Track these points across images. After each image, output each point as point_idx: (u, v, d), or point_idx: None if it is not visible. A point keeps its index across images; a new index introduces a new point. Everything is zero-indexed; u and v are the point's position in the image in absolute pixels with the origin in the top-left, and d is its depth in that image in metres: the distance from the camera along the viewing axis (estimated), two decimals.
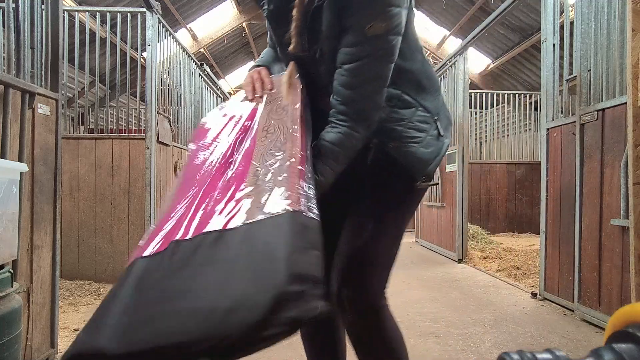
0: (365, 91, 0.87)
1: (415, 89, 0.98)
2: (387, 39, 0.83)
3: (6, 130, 1.64)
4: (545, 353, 0.32)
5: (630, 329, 0.34)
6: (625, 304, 0.37)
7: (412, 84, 0.98)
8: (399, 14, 0.83)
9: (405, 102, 0.97)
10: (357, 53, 0.84)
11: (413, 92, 0.98)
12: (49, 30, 1.99)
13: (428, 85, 1.01)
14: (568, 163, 2.91)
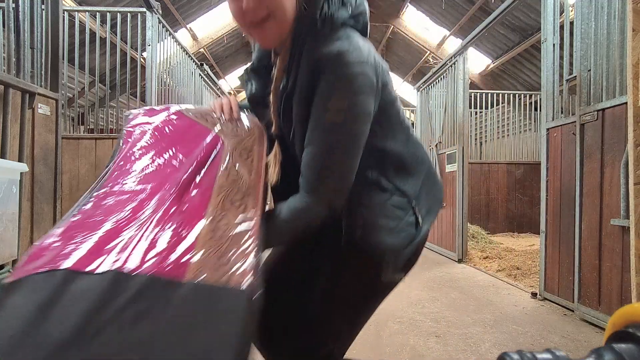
0: (323, 176, 0.83)
1: (394, 170, 0.93)
2: (347, 128, 0.81)
3: (6, 130, 1.64)
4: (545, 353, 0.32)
5: (630, 329, 0.34)
6: (625, 304, 0.37)
7: (392, 166, 0.93)
8: (361, 103, 0.80)
9: (381, 186, 0.91)
10: (317, 139, 0.82)
11: (392, 175, 0.93)
12: (49, 30, 2.00)
13: (411, 166, 0.95)
14: (568, 163, 2.91)
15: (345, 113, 0.79)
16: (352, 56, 0.79)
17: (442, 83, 5.57)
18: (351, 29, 0.85)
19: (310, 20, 0.82)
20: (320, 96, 0.80)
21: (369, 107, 0.83)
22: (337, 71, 0.78)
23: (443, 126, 5.46)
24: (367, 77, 0.80)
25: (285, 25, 0.83)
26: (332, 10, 0.83)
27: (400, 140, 0.94)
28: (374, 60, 0.83)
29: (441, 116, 5.54)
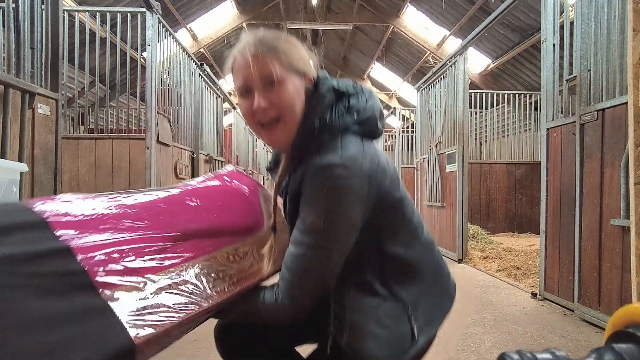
0: (298, 278, 0.83)
1: (392, 274, 0.88)
2: (326, 236, 0.81)
3: (6, 130, 1.64)
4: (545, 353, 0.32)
5: (630, 329, 0.34)
6: (625, 304, 0.37)
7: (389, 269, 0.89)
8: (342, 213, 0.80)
9: (373, 289, 0.87)
10: (297, 241, 0.83)
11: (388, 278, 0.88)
12: (49, 30, 2.00)
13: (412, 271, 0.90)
14: (568, 163, 2.91)
15: (324, 222, 0.80)
16: (339, 170, 0.79)
17: (442, 83, 5.57)
18: (354, 135, 0.86)
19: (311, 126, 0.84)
20: (304, 201, 0.83)
21: (353, 217, 0.82)
22: (322, 182, 0.79)
23: (443, 126, 5.46)
24: (353, 189, 0.80)
25: (293, 129, 0.86)
26: (334, 118, 0.84)
27: (403, 243, 0.90)
28: (370, 168, 0.82)
29: (441, 116, 5.54)
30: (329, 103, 0.86)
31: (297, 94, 0.85)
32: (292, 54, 0.86)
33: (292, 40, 0.88)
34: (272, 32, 0.88)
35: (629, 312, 0.36)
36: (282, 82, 0.83)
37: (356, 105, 0.88)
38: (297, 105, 0.85)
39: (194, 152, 4.73)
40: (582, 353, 0.33)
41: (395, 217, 0.90)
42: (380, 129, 0.92)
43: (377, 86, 15.30)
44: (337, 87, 0.89)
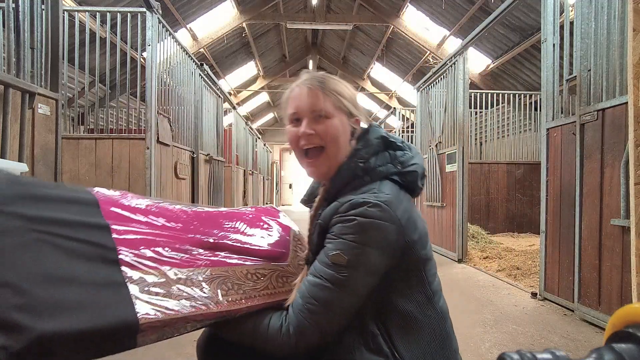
0: (311, 309, 0.82)
1: (399, 331, 0.86)
2: (347, 273, 0.81)
3: (6, 130, 1.64)
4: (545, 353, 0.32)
5: (630, 329, 0.34)
6: (625, 304, 0.37)
7: (397, 326, 0.86)
8: (367, 254, 0.81)
9: (377, 344, 0.85)
10: (318, 271, 0.84)
11: (394, 335, 0.85)
12: (49, 30, 2.00)
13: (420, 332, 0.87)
14: (568, 163, 2.91)
15: (349, 257, 0.81)
16: (373, 209, 0.82)
17: (442, 83, 5.57)
18: (393, 184, 0.89)
19: (355, 166, 0.89)
20: (331, 233, 0.85)
21: (377, 262, 0.83)
22: (353, 218, 0.82)
23: (443, 126, 5.46)
24: (383, 231, 0.82)
25: (334, 162, 0.91)
26: (378, 163, 0.89)
27: (417, 303, 0.89)
28: (401, 217, 0.84)
29: (441, 116, 5.54)
30: (376, 149, 0.91)
31: (343, 131, 0.91)
32: (344, 95, 0.93)
33: (346, 85, 0.95)
34: (331, 76, 0.96)
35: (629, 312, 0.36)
36: (330, 117, 0.90)
37: (401, 157, 0.92)
38: (341, 140, 0.91)
39: (194, 152, 4.73)
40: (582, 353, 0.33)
41: (416, 275, 0.90)
42: (419, 187, 0.95)
43: (377, 86, 15.30)
44: (386, 137, 0.94)
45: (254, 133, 11.16)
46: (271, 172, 16.28)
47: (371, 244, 0.81)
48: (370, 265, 0.82)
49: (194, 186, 4.69)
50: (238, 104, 13.19)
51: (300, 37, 13.51)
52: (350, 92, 0.94)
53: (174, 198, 4.05)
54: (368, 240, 0.81)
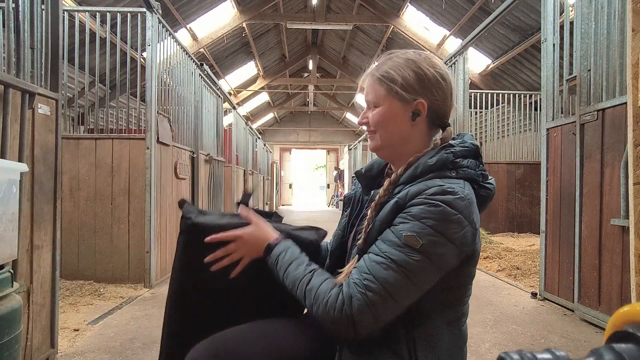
0: (368, 283, 0.78)
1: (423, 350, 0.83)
2: (416, 257, 0.78)
3: (6, 130, 1.64)
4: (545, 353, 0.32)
5: (630, 329, 0.34)
6: (625, 304, 0.37)
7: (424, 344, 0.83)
8: (442, 244, 0.78)
9: (400, 350, 0.83)
10: (383, 250, 0.80)
11: (420, 348, 0.83)
12: (49, 30, 1.99)
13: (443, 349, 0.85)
14: (568, 163, 2.90)
15: (423, 243, 0.77)
16: (460, 201, 0.80)
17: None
18: (472, 188, 0.87)
19: (447, 156, 0.87)
20: (408, 214, 0.81)
21: (449, 256, 0.79)
22: (440, 204, 0.79)
23: None
24: (462, 231, 0.79)
25: (385, 142, 0.94)
26: (467, 165, 0.88)
27: (449, 319, 0.87)
28: (476, 225, 0.83)
29: None
30: (468, 153, 0.90)
31: (392, 117, 0.92)
32: (396, 82, 0.90)
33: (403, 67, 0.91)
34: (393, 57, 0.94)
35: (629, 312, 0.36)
36: (379, 105, 0.93)
37: (484, 171, 0.92)
38: (391, 126, 0.92)
39: (194, 152, 4.73)
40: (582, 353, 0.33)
41: (456, 290, 0.87)
42: (484, 208, 0.93)
43: None
44: (479, 148, 0.94)
45: (254, 133, 11.16)
46: (271, 172, 16.28)
47: (449, 235, 0.78)
48: (440, 259, 0.79)
49: (194, 186, 4.69)
50: (238, 104, 13.18)
51: (300, 37, 13.51)
52: (405, 76, 0.90)
53: (174, 198, 4.05)
54: (447, 232, 0.78)
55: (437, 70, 0.91)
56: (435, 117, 0.93)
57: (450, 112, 0.96)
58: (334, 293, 0.80)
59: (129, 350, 2.16)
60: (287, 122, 20.77)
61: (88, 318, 2.65)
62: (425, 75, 0.90)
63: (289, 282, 0.88)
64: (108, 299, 3.06)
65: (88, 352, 2.14)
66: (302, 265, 0.89)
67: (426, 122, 0.92)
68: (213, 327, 0.93)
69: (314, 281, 0.84)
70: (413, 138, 0.93)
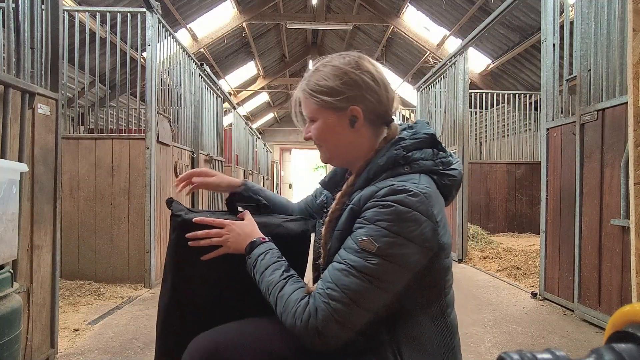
0: (331, 292, 0.77)
1: (409, 348, 0.82)
2: (376, 261, 0.76)
3: (6, 130, 1.64)
4: (545, 353, 0.32)
5: (630, 329, 0.34)
6: (625, 304, 0.37)
7: (410, 341, 0.83)
8: (400, 245, 0.77)
9: (384, 353, 0.82)
10: (344, 257, 0.80)
11: (405, 348, 0.82)
12: (49, 30, 1.99)
13: (431, 353, 0.84)
14: (568, 163, 2.90)
15: (379, 246, 0.76)
16: (413, 198, 0.78)
17: (442, 83, 5.57)
18: (432, 180, 0.86)
19: (397, 153, 0.86)
20: (363, 218, 0.80)
21: (411, 256, 0.78)
22: (390, 204, 0.78)
23: (443, 126, 5.46)
24: (419, 227, 0.78)
25: (333, 153, 0.95)
26: (421, 157, 0.86)
27: (431, 314, 0.86)
28: (437, 218, 0.80)
29: (441, 116, 5.54)
30: (421, 144, 0.88)
31: (329, 129, 0.91)
32: (325, 92, 0.89)
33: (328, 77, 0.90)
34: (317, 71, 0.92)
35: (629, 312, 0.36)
36: (314, 120, 0.93)
37: (444, 158, 0.89)
38: (332, 138, 0.92)
39: (194, 152, 4.73)
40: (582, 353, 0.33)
41: (434, 285, 0.86)
42: (452, 196, 0.92)
43: None
44: (434, 135, 0.91)
45: (254, 133, 11.16)
46: (271, 172, 16.28)
47: (406, 234, 0.77)
48: (402, 259, 0.77)
49: None
50: (238, 104, 13.18)
51: (300, 37, 13.51)
52: (332, 86, 0.88)
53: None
54: (403, 231, 0.77)
55: (362, 71, 0.89)
56: (374, 117, 0.91)
57: (391, 107, 0.93)
58: (303, 304, 0.80)
59: (129, 350, 2.16)
60: (287, 122, 20.76)
61: (88, 318, 2.65)
62: (352, 80, 0.88)
63: (264, 285, 0.88)
64: (108, 299, 3.06)
65: (88, 352, 2.14)
66: (278, 270, 0.88)
67: (367, 124, 0.91)
68: (208, 323, 0.95)
69: (287, 289, 0.84)
70: (360, 142, 0.92)
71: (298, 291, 0.83)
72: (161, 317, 1.02)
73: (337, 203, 0.90)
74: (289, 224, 1.08)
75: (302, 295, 0.82)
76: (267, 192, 1.23)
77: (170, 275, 1.01)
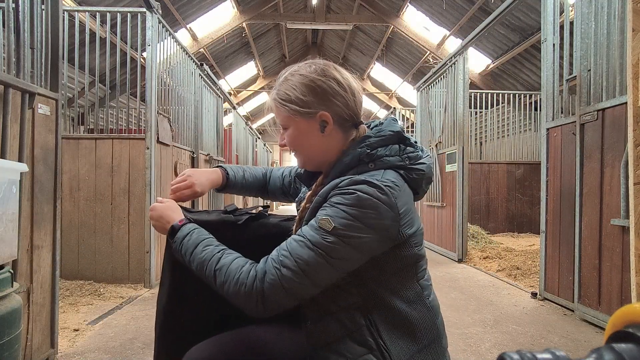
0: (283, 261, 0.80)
1: (387, 326, 0.85)
2: (329, 238, 0.79)
3: (6, 130, 1.64)
4: (545, 353, 0.32)
5: (630, 329, 0.34)
6: (625, 304, 0.37)
7: (385, 320, 0.85)
8: (358, 229, 0.80)
9: (362, 337, 0.84)
10: (303, 231, 0.83)
11: (382, 329, 0.85)
12: (49, 30, 1.99)
13: (409, 328, 0.86)
14: (568, 163, 2.91)
15: (335, 226, 0.79)
16: (373, 189, 0.81)
17: (442, 83, 5.57)
18: (398, 175, 0.88)
19: (361, 152, 0.89)
20: (327, 203, 0.84)
21: (368, 240, 0.81)
22: (351, 192, 0.81)
23: (443, 126, 5.46)
24: (378, 215, 0.81)
25: (307, 158, 0.97)
26: (385, 153, 0.89)
27: (405, 299, 0.88)
28: (400, 206, 0.83)
29: (441, 116, 5.54)
30: (386, 141, 0.91)
31: (301, 136, 0.94)
32: (293, 101, 0.92)
33: (295, 85, 0.93)
34: (287, 78, 0.95)
35: (629, 312, 0.36)
36: (287, 127, 0.96)
37: (411, 153, 0.92)
38: (305, 144, 0.95)
39: (193, 152, 4.73)
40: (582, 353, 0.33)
41: (405, 272, 0.88)
42: (423, 189, 0.94)
43: (377, 86, 15.30)
44: (401, 132, 0.94)
45: (254, 133, 11.16)
46: None
47: (364, 220, 0.80)
48: (356, 241, 0.80)
49: None
50: (238, 104, 13.19)
51: (300, 37, 13.51)
52: (299, 95, 0.92)
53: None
54: (361, 216, 0.80)
55: (328, 78, 0.92)
56: (343, 121, 0.93)
57: (359, 110, 0.96)
58: (246, 270, 0.82)
59: (129, 350, 2.16)
60: None
61: (88, 318, 2.65)
62: (318, 87, 0.91)
63: (197, 264, 0.88)
64: (108, 299, 3.06)
65: (88, 352, 2.14)
66: (210, 246, 0.89)
67: (337, 128, 0.93)
68: (206, 325, 0.95)
69: (224, 260, 0.85)
70: (331, 146, 0.94)
71: (238, 259, 0.85)
72: (160, 320, 1.02)
73: (306, 202, 0.94)
74: (285, 223, 1.09)
75: (243, 263, 0.84)
76: (247, 173, 1.28)
77: (168, 278, 1.02)
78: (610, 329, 0.37)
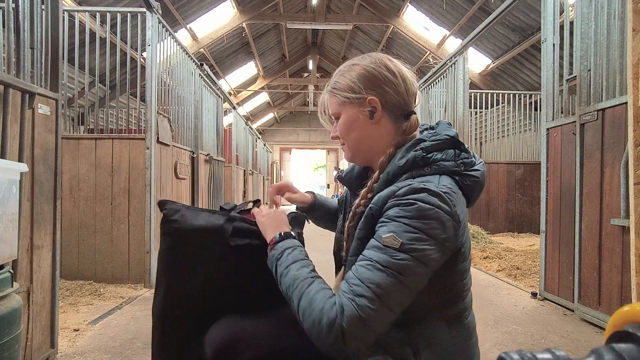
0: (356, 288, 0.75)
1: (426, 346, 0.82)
2: (398, 255, 0.75)
3: (6, 130, 1.64)
4: (545, 353, 0.32)
5: (630, 329, 0.34)
6: (625, 304, 0.37)
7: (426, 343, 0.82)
8: (422, 241, 0.76)
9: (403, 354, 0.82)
10: (368, 255, 0.79)
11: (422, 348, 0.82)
12: (49, 30, 1.99)
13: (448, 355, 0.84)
14: (568, 163, 2.90)
15: (402, 242, 0.76)
16: (434, 197, 0.78)
17: (442, 83, 5.57)
18: (453, 180, 0.86)
19: (416, 155, 0.86)
20: (385, 217, 0.80)
21: (432, 253, 0.77)
22: (413, 202, 0.78)
23: None
24: (441, 225, 0.78)
25: (355, 150, 0.97)
26: (441, 158, 0.87)
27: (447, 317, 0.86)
28: (460, 217, 0.81)
29: (441, 116, 5.54)
30: (442, 145, 0.88)
31: (351, 125, 0.94)
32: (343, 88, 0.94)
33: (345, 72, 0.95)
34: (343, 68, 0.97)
35: (629, 312, 0.36)
36: (338, 117, 0.97)
37: (466, 159, 0.89)
38: (354, 133, 0.95)
39: (193, 152, 4.73)
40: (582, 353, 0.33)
41: (454, 287, 0.86)
42: (475, 197, 0.91)
43: None
44: (456, 137, 0.91)
45: (254, 133, 11.16)
46: (271, 172, 16.28)
47: (429, 232, 0.76)
48: (424, 256, 0.76)
49: (194, 186, 4.69)
50: (238, 104, 13.18)
51: (300, 37, 13.51)
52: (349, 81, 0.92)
53: (174, 198, 4.05)
54: (426, 228, 0.76)
55: (380, 66, 0.92)
56: (393, 108, 0.92)
57: (411, 99, 0.94)
58: (331, 302, 0.75)
59: (129, 350, 2.16)
60: (287, 122, 20.76)
61: (88, 318, 2.65)
62: (369, 73, 0.92)
63: (288, 277, 0.83)
64: (108, 299, 3.06)
65: (88, 352, 2.14)
66: (307, 267, 0.85)
67: (386, 116, 0.92)
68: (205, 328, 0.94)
69: (315, 286, 0.79)
70: (380, 136, 0.93)
71: (326, 290, 0.79)
72: (157, 324, 1.00)
73: (361, 198, 0.91)
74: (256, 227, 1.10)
75: (331, 294, 0.78)
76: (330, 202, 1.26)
77: (164, 283, 0.99)
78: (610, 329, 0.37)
